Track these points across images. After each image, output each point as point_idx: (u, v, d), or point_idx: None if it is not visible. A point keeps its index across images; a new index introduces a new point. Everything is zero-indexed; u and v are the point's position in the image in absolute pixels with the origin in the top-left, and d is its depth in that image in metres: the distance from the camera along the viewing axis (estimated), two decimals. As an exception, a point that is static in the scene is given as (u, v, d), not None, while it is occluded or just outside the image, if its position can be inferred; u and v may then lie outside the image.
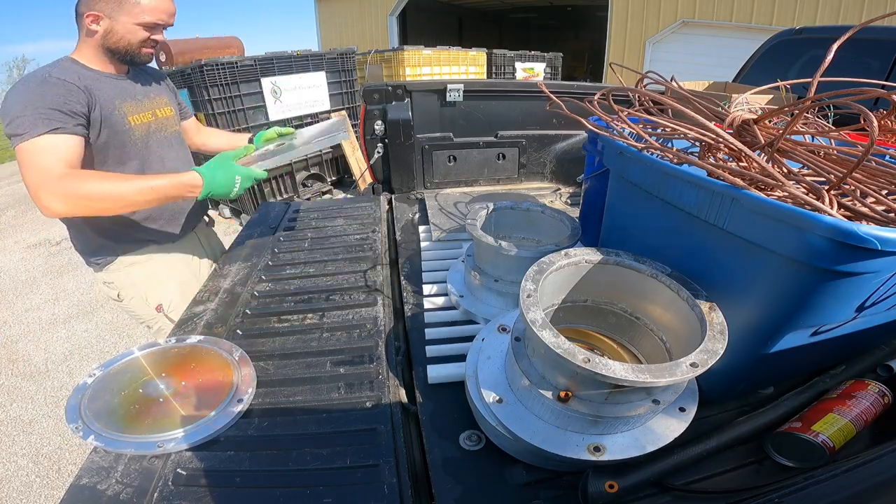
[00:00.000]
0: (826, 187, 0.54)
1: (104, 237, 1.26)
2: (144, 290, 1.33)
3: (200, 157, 1.31)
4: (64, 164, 1.01)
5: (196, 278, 1.38)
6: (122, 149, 1.18)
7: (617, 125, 0.81)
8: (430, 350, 0.88)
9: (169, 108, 1.36)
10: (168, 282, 1.35)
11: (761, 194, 0.54)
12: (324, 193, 4.80)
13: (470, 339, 0.80)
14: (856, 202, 0.54)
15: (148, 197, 1.06)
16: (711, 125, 0.62)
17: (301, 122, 4.42)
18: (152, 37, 1.18)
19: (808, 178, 0.57)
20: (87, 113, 1.08)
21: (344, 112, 4.82)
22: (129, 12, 1.11)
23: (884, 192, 0.56)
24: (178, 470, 0.64)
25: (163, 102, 1.34)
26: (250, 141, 1.48)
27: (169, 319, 1.34)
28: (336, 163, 4.95)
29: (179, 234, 1.38)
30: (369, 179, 1.99)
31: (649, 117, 0.77)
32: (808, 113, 0.80)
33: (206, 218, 1.58)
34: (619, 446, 0.57)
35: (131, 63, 1.23)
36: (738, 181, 0.56)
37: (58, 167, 0.99)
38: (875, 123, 0.48)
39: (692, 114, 0.66)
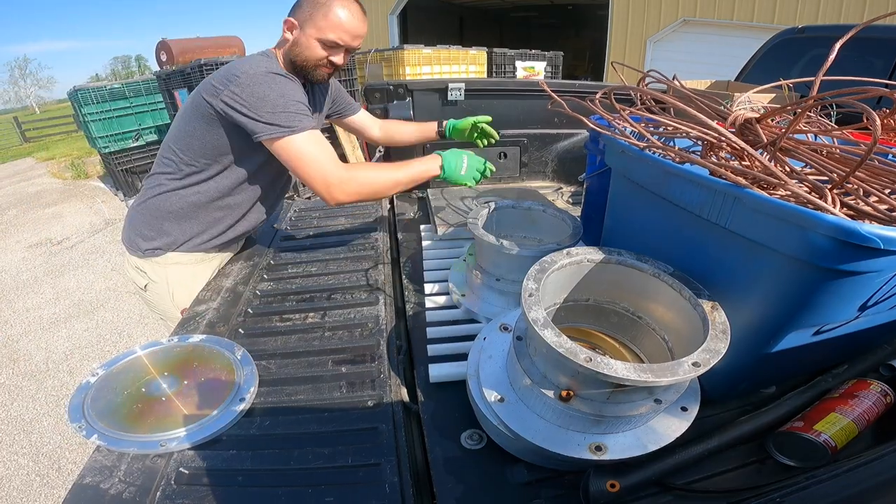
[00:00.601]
0: (829, 186, 0.54)
1: (175, 233, 1.23)
2: (175, 290, 1.30)
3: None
4: (334, 158, 1.09)
5: None
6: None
7: (619, 124, 0.81)
8: (432, 349, 0.88)
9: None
10: (198, 288, 1.31)
11: (764, 193, 0.53)
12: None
13: (471, 338, 0.80)
14: (859, 201, 0.54)
15: (408, 178, 1.15)
16: (714, 124, 0.62)
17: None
18: (330, 58, 1.12)
19: (810, 177, 0.57)
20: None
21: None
22: (315, 25, 1.08)
23: (887, 190, 0.56)
24: (181, 469, 0.64)
25: (321, 123, 1.33)
26: (439, 133, 1.53)
27: None
28: (337, 162, 4.94)
29: (237, 246, 1.38)
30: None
31: (651, 116, 0.77)
32: (810, 112, 0.80)
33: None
34: (620, 446, 0.57)
35: (306, 80, 1.17)
36: (741, 180, 0.55)
37: (335, 161, 1.08)
38: (878, 122, 0.48)
39: (694, 112, 0.66)
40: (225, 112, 1.04)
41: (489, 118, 1.44)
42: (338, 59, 1.14)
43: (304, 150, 1.05)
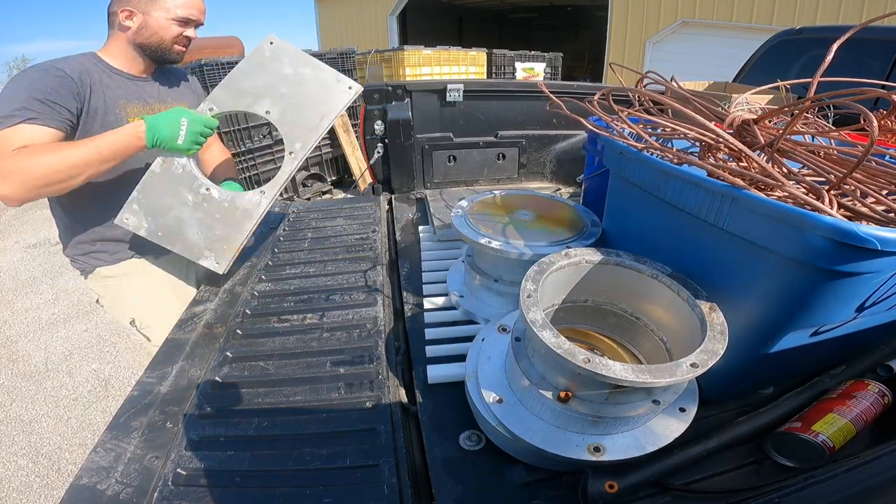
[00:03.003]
0: (826, 187, 0.54)
1: (84, 244, 1.23)
2: (120, 302, 1.31)
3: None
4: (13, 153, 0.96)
5: (178, 297, 1.33)
6: None
7: (617, 125, 0.81)
8: (430, 350, 0.88)
9: None
10: (144, 297, 1.31)
11: (761, 194, 0.54)
12: (324, 193, 4.80)
13: (470, 339, 0.80)
14: (856, 202, 0.54)
15: (95, 154, 1.00)
16: (711, 125, 0.62)
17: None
18: (184, 33, 1.18)
19: (808, 179, 0.57)
20: (78, 107, 1.07)
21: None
22: (161, 7, 1.13)
23: (884, 192, 0.56)
24: (178, 470, 0.64)
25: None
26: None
27: (142, 335, 1.32)
28: (336, 163, 4.95)
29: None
30: (369, 179, 1.99)
31: (649, 117, 0.77)
32: (808, 113, 0.80)
33: None
34: (619, 446, 0.57)
35: (162, 60, 1.22)
36: (738, 181, 0.56)
37: (8, 151, 0.95)
38: (875, 123, 0.48)
39: (692, 114, 0.66)
40: None
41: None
42: (191, 33, 1.21)
43: None
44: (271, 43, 1.16)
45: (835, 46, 0.59)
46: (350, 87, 1.18)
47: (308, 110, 1.16)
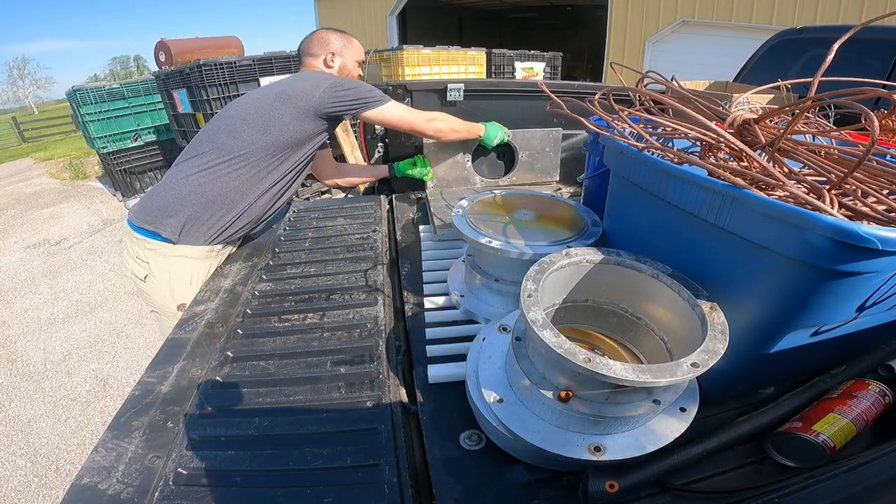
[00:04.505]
0: (827, 187, 0.54)
1: (198, 220, 1.30)
2: (175, 284, 1.32)
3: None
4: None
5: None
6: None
7: (617, 125, 0.81)
8: (431, 350, 0.88)
9: None
10: (198, 284, 1.33)
11: (762, 194, 0.54)
12: (323, 193, 4.79)
13: (470, 338, 0.80)
14: (857, 202, 0.54)
15: (468, 128, 1.59)
16: (712, 125, 0.62)
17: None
18: (360, 70, 1.59)
19: (808, 178, 0.57)
20: None
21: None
22: (351, 52, 1.54)
23: (885, 191, 0.56)
24: (179, 469, 0.63)
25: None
26: (390, 171, 1.82)
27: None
28: (336, 162, 4.93)
29: (240, 241, 1.45)
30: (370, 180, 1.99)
31: (650, 117, 0.77)
32: (808, 112, 0.80)
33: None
34: (619, 446, 0.57)
35: None
36: (739, 181, 0.55)
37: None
38: (876, 123, 0.48)
39: (693, 113, 0.66)
40: (335, 111, 1.36)
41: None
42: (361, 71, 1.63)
43: (394, 110, 1.44)
44: None
45: (835, 46, 0.59)
46: None
47: None
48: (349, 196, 2.19)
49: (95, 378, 2.63)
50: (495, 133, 1.65)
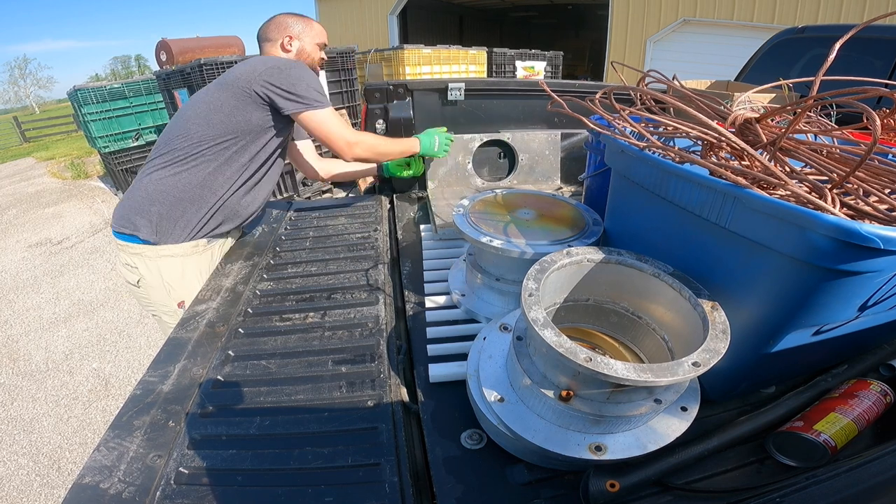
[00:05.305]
0: (829, 186, 0.54)
1: (170, 218, 1.29)
2: (170, 284, 1.33)
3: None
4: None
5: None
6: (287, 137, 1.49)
7: (618, 124, 0.81)
8: (432, 349, 0.88)
9: None
10: (196, 281, 1.34)
11: (764, 193, 0.53)
12: (323, 192, 4.80)
13: (471, 338, 0.80)
14: (858, 201, 0.54)
15: (400, 149, 1.53)
16: (714, 124, 0.62)
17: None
18: (322, 54, 1.52)
19: (810, 177, 0.57)
20: None
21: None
22: (310, 35, 1.46)
23: (886, 190, 0.56)
24: (181, 469, 0.64)
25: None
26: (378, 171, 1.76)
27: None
28: (336, 162, 4.93)
29: (227, 236, 1.44)
30: (370, 179, 1.99)
31: (651, 116, 0.77)
32: (810, 112, 0.80)
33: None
34: (620, 446, 0.57)
35: None
36: (741, 180, 0.55)
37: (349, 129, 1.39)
38: (878, 122, 0.48)
39: (694, 112, 0.66)
40: (264, 94, 1.27)
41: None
42: (323, 54, 1.53)
43: (326, 118, 1.33)
44: None
45: (837, 45, 0.59)
46: None
47: None
48: (350, 195, 2.19)
49: (97, 377, 2.63)
50: (430, 141, 1.58)
